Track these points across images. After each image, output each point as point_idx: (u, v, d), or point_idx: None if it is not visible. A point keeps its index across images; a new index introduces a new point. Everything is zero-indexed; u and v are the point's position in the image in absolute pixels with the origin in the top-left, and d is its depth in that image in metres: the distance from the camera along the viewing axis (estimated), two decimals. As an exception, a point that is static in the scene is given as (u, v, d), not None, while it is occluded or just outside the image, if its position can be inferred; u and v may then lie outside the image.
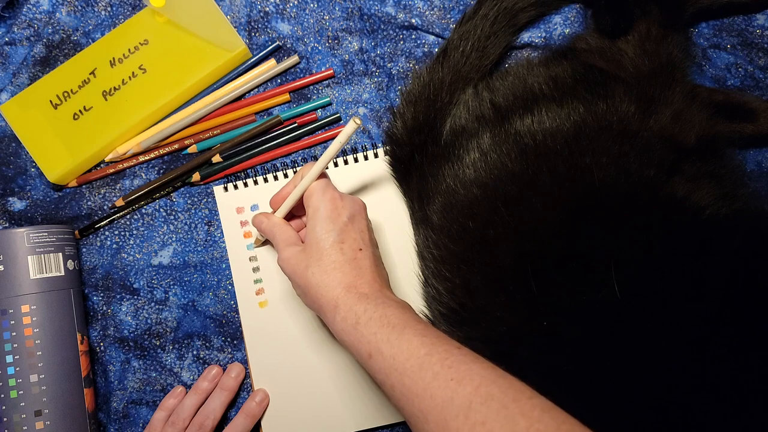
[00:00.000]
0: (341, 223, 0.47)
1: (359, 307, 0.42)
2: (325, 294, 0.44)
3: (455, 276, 0.48)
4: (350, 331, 0.42)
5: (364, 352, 0.41)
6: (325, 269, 0.45)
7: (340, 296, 0.43)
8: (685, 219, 0.44)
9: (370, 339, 0.40)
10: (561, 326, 0.43)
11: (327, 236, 0.46)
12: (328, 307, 0.44)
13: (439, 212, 0.50)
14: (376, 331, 0.40)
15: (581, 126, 0.47)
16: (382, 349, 0.39)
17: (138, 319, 0.60)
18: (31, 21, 0.61)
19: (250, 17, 0.60)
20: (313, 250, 0.46)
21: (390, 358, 0.39)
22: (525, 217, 0.46)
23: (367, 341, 0.40)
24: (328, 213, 0.47)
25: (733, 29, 0.55)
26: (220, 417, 0.56)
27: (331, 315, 0.43)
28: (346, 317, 0.42)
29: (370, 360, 0.40)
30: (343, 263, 0.45)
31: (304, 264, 0.46)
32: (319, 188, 0.48)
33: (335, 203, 0.47)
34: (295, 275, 0.46)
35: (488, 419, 0.33)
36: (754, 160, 0.55)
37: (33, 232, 0.54)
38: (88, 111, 0.59)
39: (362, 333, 0.41)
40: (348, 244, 0.46)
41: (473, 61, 0.54)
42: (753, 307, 0.41)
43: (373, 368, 0.40)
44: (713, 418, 0.40)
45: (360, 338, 0.41)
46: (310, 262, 0.45)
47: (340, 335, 0.43)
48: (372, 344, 0.40)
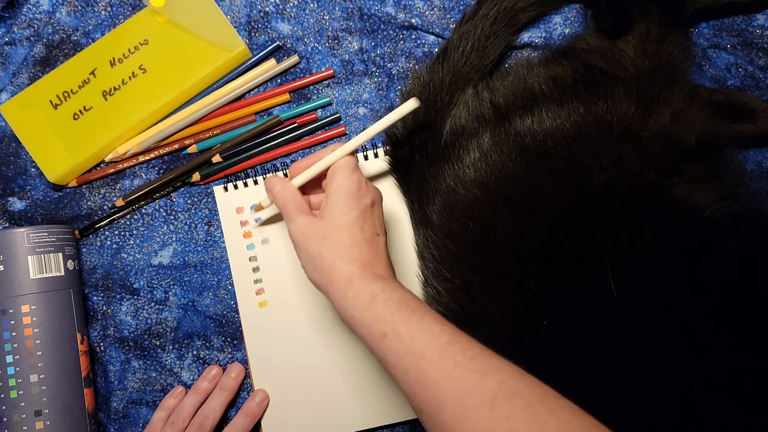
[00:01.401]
0: (364, 205, 0.45)
1: (376, 285, 0.41)
2: (339, 267, 0.42)
3: (455, 276, 0.48)
4: (364, 307, 0.40)
5: (377, 331, 0.39)
6: (342, 242, 0.43)
7: (356, 272, 0.42)
8: (685, 219, 0.44)
9: (387, 318, 0.39)
10: (561, 326, 0.43)
11: (350, 212, 0.44)
12: (340, 281, 0.42)
13: (439, 212, 0.50)
14: (394, 311, 0.39)
15: (581, 126, 0.47)
16: (400, 330, 0.38)
17: (138, 319, 0.60)
18: (31, 21, 0.61)
19: (250, 17, 0.60)
20: (332, 222, 0.44)
21: (408, 340, 0.37)
22: (525, 218, 0.46)
23: (383, 320, 0.39)
24: (353, 191, 0.45)
25: (733, 29, 0.55)
26: (219, 417, 0.56)
27: (342, 289, 0.41)
28: (361, 293, 0.40)
29: (384, 340, 0.38)
30: (361, 242, 0.43)
31: (321, 234, 0.44)
32: (348, 165, 0.46)
33: (360, 184, 0.46)
34: (307, 243, 0.44)
35: (513, 414, 0.32)
36: (754, 160, 0.55)
37: (33, 232, 0.54)
38: (88, 111, 0.59)
39: (378, 311, 0.39)
40: (368, 226, 0.45)
41: (473, 61, 0.54)
42: (753, 308, 0.41)
43: (386, 349, 0.38)
44: (713, 418, 0.40)
45: (375, 316, 0.39)
46: (327, 233, 0.43)
47: (349, 311, 0.41)
48: (388, 323, 0.38)
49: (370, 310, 0.40)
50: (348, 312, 0.41)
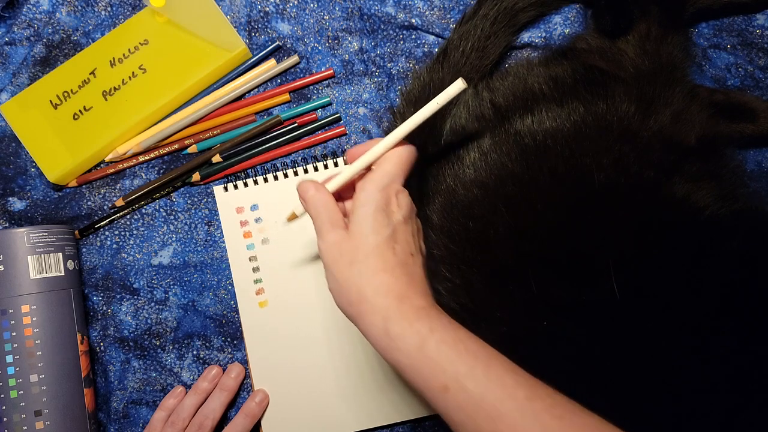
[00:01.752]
0: (396, 221, 0.40)
1: (422, 324, 0.36)
2: (372, 300, 0.37)
3: (455, 276, 0.48)
4: (413, 353, 0.35)
5: (435, 384, 0.34)
6: (373, 269, 0.38)
7: (392, 307, 0.36)
8: (685, 219, 0.44)
9: (446, 368, 0.34)
10: (561, 326, 0.43)
11: (381, 230, 0.39)
12: (375, 317, 0.36)
13: (439, 212, 0.50)
14: (453, 359, 0.34)
15: (581, 126, 0.47)
16: (465, 384, 0.33)
17: (138, 319, 0.60)
18: (31, 21, 0.61)
19: (250, 17, 0.60)
20: (360, 242, 0.38)
21: (477, 396, 0.32)
22: (525, 217, 0.46)
23: (442, 370, 0.34)
24: (383, 204, 0.40)
25: (733, 29, 0.55)
26: (219, 417, 0.56)
27: (379, 328, 0.36)
28: (405, 335, 0.35)
29: (446, 394, 0.33)
30: (394, 266, 0.38)
31: (349, 257, 0.38)
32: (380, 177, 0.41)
33: (391, 198, 0.41)
34: (334, 266, 0.39)
35: None
36: (754, 160, 0.55)
37: (33, 232, 0.54)
38: (88, 111, 0.59)
39: (433, 359, 0.34)
40: (401, 246, 0.39)
41: (473, 61, 0.54)
42: (753, 307, 0.41)
43: (450, 404, 0.33)
44: (713, 418, 0.40)
45: (430, 365, 0.34)
46: (355, 257, 0.38)
47: (393, 356, 0.36)
48: (449, 375, 0.33)
49: (422, 357, 0.34)
50: (392, 356, 0.36)
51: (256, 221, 0.59)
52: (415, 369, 0.35)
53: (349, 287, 0.38)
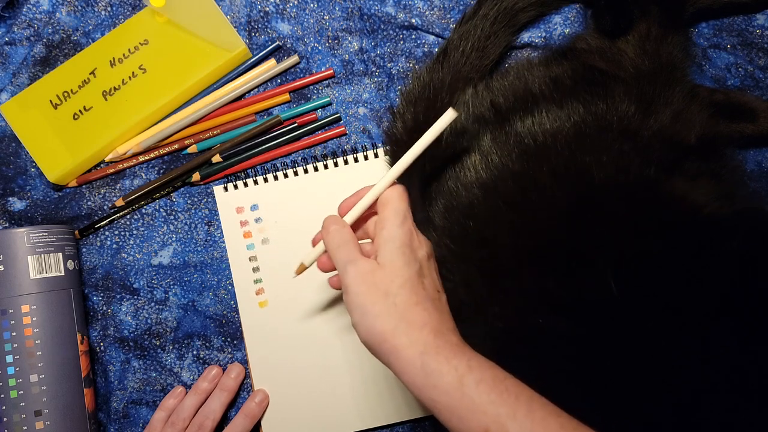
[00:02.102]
0: (421, 257, 0.40)
1: (459, 361, 0.34)
2: (407, 334, 0.35)
3: (455, 275, 0.48)
4: (451, 391, 0.33)
5: (476, 425, 0.32)
6: (406, 301, 0.36)
7: (429, 341, 0.35)
8: (684, 218, 0.44)
9: (487, 409, 0.32)
10: (561, 325, 0.43)
11: (411, 264, 0.38)
12: (410, 352, 0.35)
13: (440, 213, 0.50)
14: (494, 399, 0.33)
15: (581, 126, 0.47)
16: (507, 427, 0.32)
17: (138, 319, 0.60)
18: (31, 21, 0.61)
19: (250, 17, 0.60)
20: (393, 274, 0.37)
21: None
22: (526, 217, 0.46)
23: (483, 411, 0.32)
24: (407, 241, 0.40)
25: (733, 29, 0.55)
26: (219, 417, 0.56)
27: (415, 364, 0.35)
28: (443, 372, 0.34)
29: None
30: (425, 300, 0.37)
31: (383, 288, 0.37)
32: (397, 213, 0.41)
33: (413, 234, 0.41)
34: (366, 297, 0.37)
35: None
36: (754, 160, 0.55)
37: (33, 232, 0.54)
38: (88, 111, 0.59)
39: (472, 399, 0.33)
40: (429, 281, 0.39)
41: (473, 61, 0.54)
42: (753, 307, 0.41)
43: None
44: (713, 418, 0.40)
45: (470, 406, 0.33)
46: (389, 288, 0.37)
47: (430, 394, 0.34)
48: (490, 416, 0.32)
49: (460, 397, 0.33)
50: (428, 395, 0.34)
51: (256, 221, 0.59)
52: (452, 409, 0.33)
53: (383, 320, 0.36)
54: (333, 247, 0.41)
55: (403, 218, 0.41)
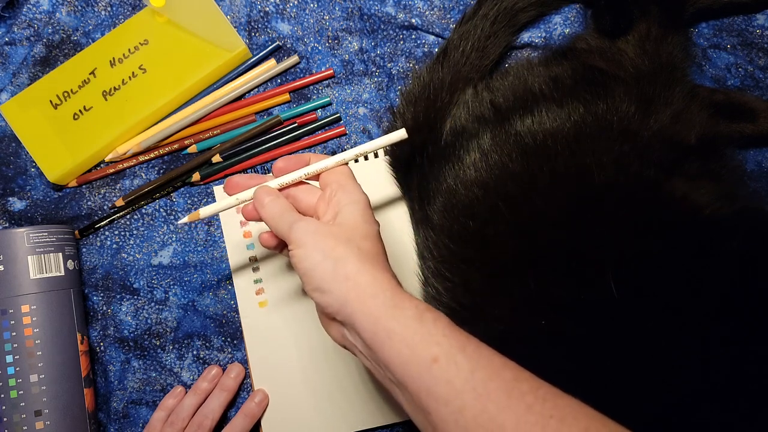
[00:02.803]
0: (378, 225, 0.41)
1: (419, 303, 0.35)
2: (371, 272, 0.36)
3: (455, 275, 0.48)
4: (409, 322, 0.34)
5: (426, 354, 0.33)
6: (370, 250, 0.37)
7: (393, 282, 0.36)
8: (685, 218, 0.44)
9: (441, 340, 0.33)
10: (561, 325, 0.43)
11: (373, 223, 0.40)
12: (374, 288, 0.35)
13: (439, 212, 0.50)
14: (448, 334, 0.34)
15: (581, 126, 0.47)
16: (457, 358, 0.32)
17: (138, 319, 0.60)
18: (31, 21, 0.61)
19: (250, 17, 0.60)
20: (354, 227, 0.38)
21: (467, 372, 0.32)
22: (525, 217, 0.46)
23: (436, 342, 0.33)
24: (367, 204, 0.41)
25: (733, 29, 0.55)
26: (219, 417, 0.56)
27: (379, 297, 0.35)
28: (405, 306, 0.35)
29: (434, 365, 0.32)
30: (385, 256, 0.39)
31: (344, 236, 0.37)
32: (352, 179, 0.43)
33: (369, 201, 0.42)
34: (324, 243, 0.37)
35: None
36: (754, 160, 0.55)
37: (33, 232, 0.54)
38: (88, 111, 0.59)
39: (429, 330, 0.34)
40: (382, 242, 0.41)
41: (473, 61, 0.54)
42: (753, 307, 0.41)
43: (436, 377, 0.32)
44: (713, 418, 0.40)
45: (425, 335, 0.33)
46: (352, 237, 0.37)
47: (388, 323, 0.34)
48: (443, 347, 0.33)
49: (417, 327, 0.34)
50: (386, 326, 0.34)
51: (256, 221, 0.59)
52: (406, 339, 0.34)
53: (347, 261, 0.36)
54: (274, 216, 0.41)
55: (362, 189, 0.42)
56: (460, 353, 0.33)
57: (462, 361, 0.32)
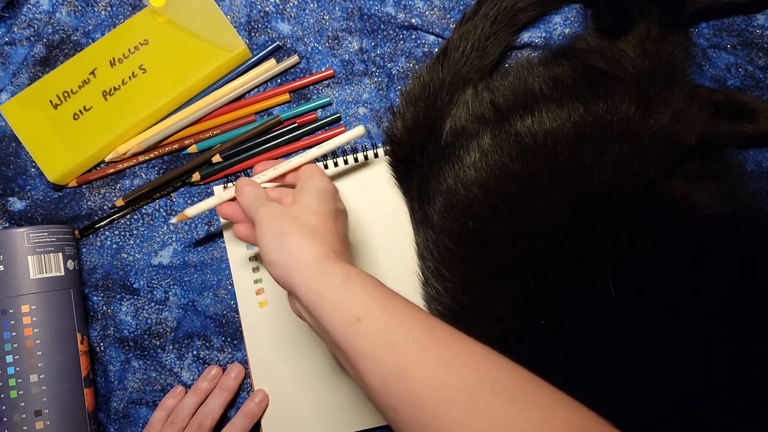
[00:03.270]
0: (338, 207, 0.45)
1: (350, 269, 0.38)
2: (310, 245, 0.39)
3: (455, 275, 0.48)
4: (337, 287, 0.37)
5: (351, 314, 0.36)
6: (315, 225, 0.41)
7: (328, 253, 0.39)
8: (685, 219, 0.44)
9: (363, 301, 0.36)
10: (561, 325, 0.43)
11: (326, 203, 0.43)
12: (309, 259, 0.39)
13: (439, 212, 0.50)
14: (371, 294, 0.36)
15: (581, 126, 0.47)
16: (376, 315, 0.35)
17: (138, 319, 0.60)
18: (31, 21, 0.61)
19: (250, 17, 0.60)
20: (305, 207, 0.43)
21: (385, 327, 0.35)
22: (526, 217, 0.46)
23: (359, 302, 0.36)
24: (330, 191, 0.45)
25: (733, 29, 0.55)
26: (218, 417, 0.56)
27: (312, 267, 0.38)
28: (334, 273, 0.38)
29: (358, 325, 0.35)
30: (333, 232, 0.42)
31: (294, 215, 0.42)
32: (322, 173, 0.47)
33: (336, 192, 0.46)
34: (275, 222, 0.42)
35: (492, 408, 0.30)
36: (754, 160, 0.55)
37: (33, 232, 0.54)
38: (88, 111, 0.59)
39: (354, 293, 0.36)
40: (340, 223, 0.44)
41: (473, 61, 0.54)
42: (753, 307, 0.41)
43: (358, 336, 0.35)
44: (713, 418, 0.40)
45: (350, 298, 0.36)
46: (300, 215, 0.42)
47: (319, 291, 0.37)
48: (364, 307, 0.36)
49: (344, 291, 0.37)
50: (318, 292, 0.37)
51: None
52: (335, 302, 0.37)
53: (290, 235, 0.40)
54: (248, 202, 0.46)
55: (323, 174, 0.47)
56: (380, 311, 0.35)
57: (381, 318, 0.35)
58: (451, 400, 0.31)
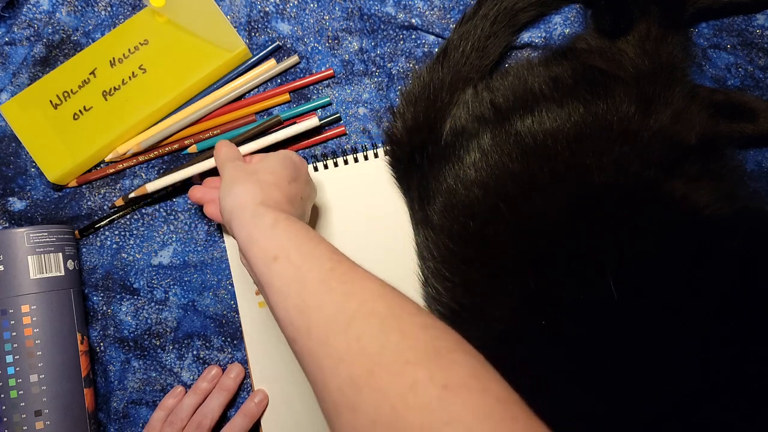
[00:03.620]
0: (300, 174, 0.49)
1: (281, 215, 0.41)
2: (255, 193, 0.43)
3: (455, 275, 0.48)
4: (265, 229, 0.39)
5: (270, 253, 0.38)
6: (267, 181, 0.45)
7: (267, 202, 0.42)
8: (685, 219, 0.44)
9: (283, 242, 0.38)
10: (560, 325, 0.43)
11: (285, 167, 0.47)
12: (249, 203, 0.42)
13: (439, 212, 0.50)
14: (291, 237, 0.38)
15: (581, 126, 0.47)
16: (291, 255, 0.37)
17: (138, 319, 0.60)
18: (31, 21, 0.61)
19: (250, 17, 0.60)
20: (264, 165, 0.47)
21: (296, 266, 0.37)
22: (526, 217, 0.46)
23: (279, 244, 0.38)
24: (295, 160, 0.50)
25: (733, 29, 0.55)
26: (218, 417, 0.56)
27: (249, 210, 0.41)
28: (265, 216, 0.40)
29: (274, 263, 0.37)
30: (286, 192, 0.45)
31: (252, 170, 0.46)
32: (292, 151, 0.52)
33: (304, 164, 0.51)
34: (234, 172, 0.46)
35: (364, 334, 0.32)
36: (754, 160, 0.55)
37: (33, 232, 0.54)
38: (88, 111, 0.59)
39: (278, 234, 0.39)
40: (296, 187, 0.47)
41: (473, 61, 0.54)
42: (753, 307, 0.41)
43: (274, 273, 0.37)
44: (713, 418, 0.40)
45: (273, 237, 0.39)
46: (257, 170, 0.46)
47: (249, 230, 0.40)
48: (282, 248, 0.38)
49: (270, 231, 0.39)
50: (247, 231, 0.40)
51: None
52: (259, 241, 0.39)
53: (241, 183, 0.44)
54: (221, 160, 0.50)
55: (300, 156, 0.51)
56: (295, 252, 0.37)
57: (294, 258, 0.37)
58: (332, 329, 0.33)
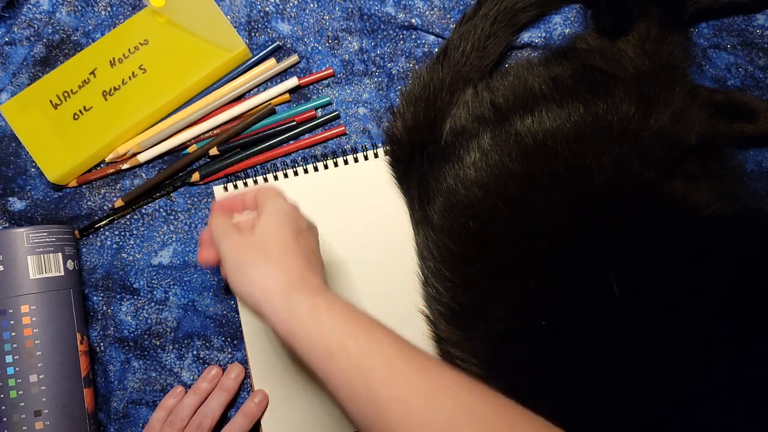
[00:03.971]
0: (300, 225, 0.44)
1: (317, 296, 0.38)
2: (273, 275, 0.39)
3: (455, 275, 0.48)
4: (305, 320, 0.36)
5: (323, 348, 0.35)
6: (276, 250, 0.40)
7: (292, 280, 0.38)
8: (685, 219, 0.44)
9: (333, 332, 0.35)
10: (561, 325, 0.43)
11: (286, 225, 0.42)
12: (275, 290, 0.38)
13: (439, 212, 0.50)
14: (340, 324, 0.36)
15: (581, 126, 0.47)
16: (347, 345, 0.35)
17: (138, 319, 0.60)
18: (31, 21, 0.61)
19: (250, 17, 0.60)
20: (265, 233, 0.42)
21: (357, 357, 0.34)
22: (526, 217, 0.46)
23: (329, 334, 0.35)
24: (288, 211, 0.44)
25: (733, 29, 0.55)
26: (218, 417, 0.56)
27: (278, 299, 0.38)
28: (300, 304, 0.37)
29: (331, 359, 0.35)
30: (296, 253, 0.41)
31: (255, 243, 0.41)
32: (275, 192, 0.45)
33: (296, 211, 0.45)
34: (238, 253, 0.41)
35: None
36: (754, 160, 0.55)
37: (33, 232, 0.54)
38: (88, 111, 0.59)
39: (322, 324, 0.36)
40: (304, 241, 0.43)
41: (473, 61, 0.54)
42: (753, 307, 0.41)
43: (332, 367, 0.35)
44: (713, 418, 0.40)
45: (320, 330, 0.36)
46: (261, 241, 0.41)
47: (288, 325, 0.37)
48: (334, 339, 0.35)
49: (313, 323, 0.36)
50: (287, 326, 0.37)
51: None
52: (306, 335, 0.36)
53: (252, 266, 0.40)
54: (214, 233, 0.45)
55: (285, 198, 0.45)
56: (351, 340, 0.35)
57: (352, 348, 0.35)
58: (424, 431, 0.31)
